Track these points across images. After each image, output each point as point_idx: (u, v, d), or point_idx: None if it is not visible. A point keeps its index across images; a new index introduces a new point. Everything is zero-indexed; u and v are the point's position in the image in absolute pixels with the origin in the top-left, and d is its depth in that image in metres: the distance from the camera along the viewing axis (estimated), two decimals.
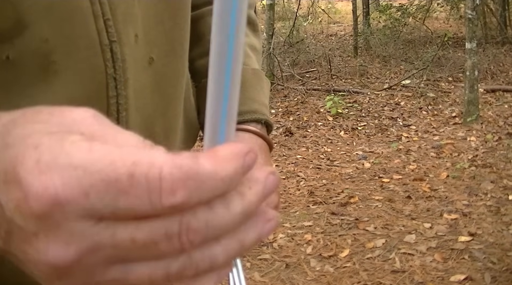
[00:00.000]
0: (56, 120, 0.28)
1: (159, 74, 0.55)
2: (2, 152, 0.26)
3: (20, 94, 0.45)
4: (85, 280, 0.26)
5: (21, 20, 0.43)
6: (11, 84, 0.44)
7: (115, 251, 0.25)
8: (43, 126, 0.27)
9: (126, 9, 0.50)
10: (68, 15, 0.45)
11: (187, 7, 0.60)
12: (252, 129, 0.64)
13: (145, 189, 0.24)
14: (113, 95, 0.49)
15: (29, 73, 0.45)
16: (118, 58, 0.49)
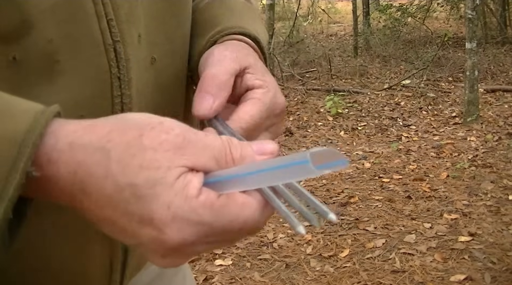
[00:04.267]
0: (160, 156, 0.36)
1: (160, 74, 0.55)
2: (134, 199, 0.35)
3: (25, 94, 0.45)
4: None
5: (27, 20, 0.43)
6: (17, 84, 0.44)
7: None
8: (157, 172, 0.35)
9: (129, 9, 0.50)
10: (72, 15, 0.46)
11: (188, 6, 0.60)
12: (239, 37, 0.58)
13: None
14: (117, 94, 0.50)
15: (35, 74, 0.45)
16: (122, 57, 0.49)
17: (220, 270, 2.56)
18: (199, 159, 0.37)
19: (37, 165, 0.36)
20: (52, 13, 0.44)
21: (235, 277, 2.49)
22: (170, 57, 0.57)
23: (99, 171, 0.35)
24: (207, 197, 0.36)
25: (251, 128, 0.49)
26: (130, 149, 0.35)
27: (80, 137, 0.36)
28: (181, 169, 0.36)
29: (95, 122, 0.38)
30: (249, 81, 0.51)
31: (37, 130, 0.35)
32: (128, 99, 0.50)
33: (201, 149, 0.37)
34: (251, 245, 2.78)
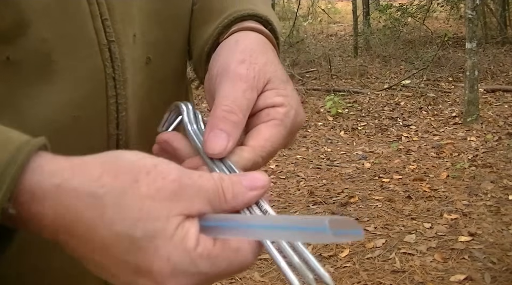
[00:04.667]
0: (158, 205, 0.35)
1: (156, 73, 0.55)
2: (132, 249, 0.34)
3: (20, 94, 0.45)
4: None
5: (21, 20, 0.43)
6: (11, 84, 0.44)
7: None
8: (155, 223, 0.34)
9: (124, 9, 0.50)
10: (66, 15, 0.45)
11: (187, 6, 0.60)
12: (250, 25, 0.53)
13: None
14: (112, 95, 0.49)
15: (29, 73, 0.45)
16: (116, 58, 0.49)
17: None
18: (194, 205, 0.36)
19: (18, 202, 0.34)
20: (46, 13, 0.44)
21: (235, 277, 2.49)
22: (166, 57, 0.57)
23: (92, 216, 0.34)
24: (204, 248, 0.35)
25: (269, 155, 0.46)
26: (126, 197, 0.34)
27: (69, 179, 0.35)
28: (179, 218, 0.35)
29: (85, 161, 0.36)
30: (269, 99, 0.47)
31: (17, 163, 0.33)
32: (124, 100, 0.50)
33: (196, 194, 0.36)
34: None
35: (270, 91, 0.47)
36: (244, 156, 0.44)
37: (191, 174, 0.37)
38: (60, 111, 0.47)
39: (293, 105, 0.48)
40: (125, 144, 0.52)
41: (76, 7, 0.46)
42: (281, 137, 0.46)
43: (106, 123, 0.50)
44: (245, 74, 0.46)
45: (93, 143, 0.50)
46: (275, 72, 0.49)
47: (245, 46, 0.50)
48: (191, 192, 0.36)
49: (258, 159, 0.45)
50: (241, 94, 0.45)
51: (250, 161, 0.44)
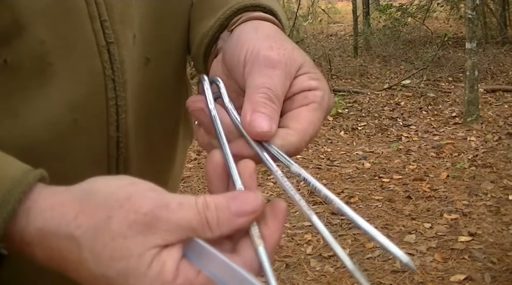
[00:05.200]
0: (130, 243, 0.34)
1: (154, 74, 0.55)
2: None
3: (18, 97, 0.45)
4: None
5: (18, 22, 0.43)
6: (9, 87, 0.44)
7: None
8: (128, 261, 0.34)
9: (123, 10, 0.49)
10: (64, 16, 0.45)
11: (185, 6, 0.59)
12: (257, 14, 0.52)
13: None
14: (112, 97, 0.49)
15: (27, 76, 0.44)
16: (116, 59, 0.48)
17: None
18: (172, 234, 0.35)
19: (11, 242, 0.35)
20: (43, 14, 0.44)
21: None
22: (165, 57, 0.56)
23: (72, 258, 0.35)
24: (185, 278, 0.34)
25: (311, 140, 0.44)
26: (99, 235, 0.34)
27: (48, 221, 0.35)
28: (153, 251, 0.34)
29: (64, 199, 0.36)
30: (305, 82, 0.46)
31: (9, 205, 0.34)
32: (123, 102, 0.50)
33: (174, 225, 0.35)
34: None
35: (304, 75, 0.46)
36: (290, 140, 0.42)
37: (169, 203, 0.35)
38: (59, 114, 0.46)
39: (326, 88, 0.47)
40: (125, 146, 0.52)
41: (74, 8, 0.45)
42: (320, 120, 0.45)
43: (106, 126, 0.50)
44: (278, 60, 0.45)
45: (93, 146, 0.50)
46: (304, 57, 0.47)
47: (268, 34, 0.48)
48: (169, 223, 0.35)
49: (302, 144, 0.43)
50: (276, 81, 0.44)
51: (294, 145, 0.42)
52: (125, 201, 0.35)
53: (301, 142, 0.43)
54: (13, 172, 0.36)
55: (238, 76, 0.46)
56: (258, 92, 0.43)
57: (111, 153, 0.51)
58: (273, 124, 0.42)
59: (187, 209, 0.35)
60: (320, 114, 0.45)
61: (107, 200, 0.35)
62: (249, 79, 0.45)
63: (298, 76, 0.46)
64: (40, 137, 0.46)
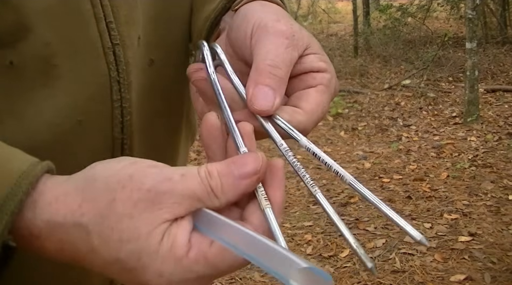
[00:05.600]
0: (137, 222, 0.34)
1: (158, 75, 0.55)
2: (124, 271, 0.34)
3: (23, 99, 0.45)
4: None
5: (24, 24, 0.43)
6: (14, 89, 0.44)
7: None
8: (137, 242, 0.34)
9: (128, 11, 0.49)
10: (69, 17, 0.45)
11: (188, 7, 0.60)
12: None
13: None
14: (117, 98, 0.49)
15: (32, 78, 0.44)
16: (121, 61, 0.48)
17: None
18: (179, 206, 0.34)
19: (19, 236, 0.35)
20: (49, 16, 0.44)
21: (235, 277, 2.49)
22: (168, 58, 0.56)
23: (83, 246, 0.34)
24: (198, 251, 0.34)
25: (318, 122, 0.44)
26: (106, 220, 0.34)
27: (54, 213, 0.35)
28: (162, 227, 0.34)
29: (68, 189, 0.36)
30: (314, 63, 0.45)
31: (17, 197, 0.34)
32: (128, 103, 0.50)
33: (180, 196, 0.35)
34: None
35: (313, 55, 0.45)
36: (297, 118, 0.42)
37: (172, 176, 0.35)
38: (64, 116, 0.46)
39: (333, 72, 0.46)
40: (129, 148, 0.52)
41: (80, 9, 0.45)
42: (328, 102, 0.44)
43: (111, 127, 0.50)
44: (285, 30, 0.44)
45: (98, 147, 0.50)
46: (311, 38, 0.46)
47: (275, 10, 0.47)
48: (173, 195, 0.34)
49: (310, 124, 0.43)
50: (283, 50, 0.42)
51: (301, 124, 0.42)
52: (127, 181, 0.35)
53: (309, 122, 0.42)
54: (20, 164, 0.36)
55: (245, 50, 0.45)
56: (265, 60, 0.42)
57: (115, 154, 0.51)
58: (276, 98, 0.41)
59: (190, 179, 0.35)
60: (327, 96, 0.44)
61: (108, 184, 0.35)
62: (256, 48, 0.43)
63: (307, 55, 0.45)
64: (44, 139, 0.46)
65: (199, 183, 0.35)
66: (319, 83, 0.44)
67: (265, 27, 0.44)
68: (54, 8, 0.44)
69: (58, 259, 0.36)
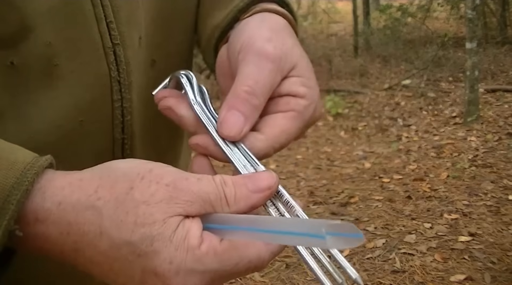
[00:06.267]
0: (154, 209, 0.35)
1: (160, 76, 0.55)
2: (133, 256, 0.34)
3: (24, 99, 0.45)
4: None
5: (25, 24, 0.43)
6: (15, 89, 0.44)
7: None
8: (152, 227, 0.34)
9: (129, 12, 0.49)
10: (70, 18, 0.45)
11: (191, 7, 0.60)
12: (267, 6, 0.50)
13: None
14: (117, 98, 0.49)
15: (33, 78, 0.44)
16: (122, 61, 0.49)
17: None
18: (193, 205, 0.35)
19: (23, 223, 0.35)
20: (50, 17, 0.44)
21: None
22: (171, 58, 0.56)
23: (92, 229, 0.35)
24: (209, 245, 0.35)
25: (283, 147, 0.44)
26: (121, 205, 0.34)
27: (68, 196, 0.35)
28: (177, 218, 0.35)
29: (82, 176, 0.37)
30: (293, 86, 0.44)
31: (23, 186, 0.34)
32: (129, 103, 0.50)
33: (195, 196, 0.36)
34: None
35: (295, 78, 0.45)
36: (257, 145, 0.42)
37: (188, 177, 0.37)
38: (65, 116, 0.46)
39: (315, 98, 0.45)
40: (130, 149, 0.52)
41: (81, 10, 0.46)
42: (297, 130, 0.44)
43: (111, 128, 0.50)
44: (272, 53, 0.43)
45: (99, 148, 0.50)
46: (302, 58, 0.46)
47: (272, 26, 0.47)
48: (189, 194, 0.36)
49: (270, 150, 0.43)
50: (265, 75, 0.43)
51: (262, 151, 0.43)
52: (147, 173, 0.36)
53: (269, 149, 0.43)
54: (24, 157, 0.36)
55: (234, 65, 0.46)
56: (243, 85, 0.42)
57: (116, 155, 0.51)
58: (245, 126, 0.42)
59: (205, 183, 0.37)
60: (298, 123, 0.44)
61: (127, 174, 0.36)
62: (240, 67, 0.44)
63: (290, 77, 0.45)
64: (45, 139, 0.46)
65: (214, 188, 0.37)
66: (291, 109, 0.44)
67: (252, 46, 0.44)
68: (55, 9, 0.44)
69: (57, 246, 0.36)
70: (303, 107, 0.44)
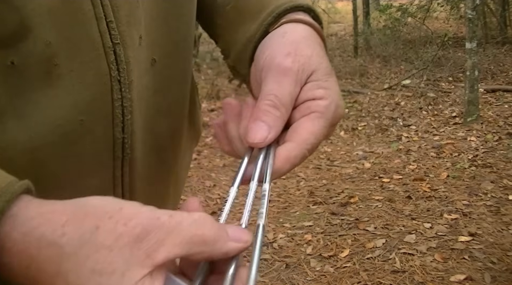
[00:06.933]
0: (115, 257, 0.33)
1: (161, 75, 0.55)
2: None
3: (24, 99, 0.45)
4: None
5: (25, 24, 0.43)
6: (15, 89, 0.44)
7: None
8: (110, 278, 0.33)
9: (129, 11, 0.49)
10: (70, 17, 0.45)
11: (193, 6, 0.59)
12: (294, 17, 0.53)
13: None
14: (117, 98, 0.49)
15: (33, 78, 0.44)
16: (122, 60, 0.49)
17: None
18: (162, 247, 0.33)
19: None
20: (50, 16, 0.44)
21: None
22: (171, 58, 0.56)
23: (50, 268, 0.33)
24: None
25: (314, 147, 0.46)
26: (85, 247, 0.33)
27: (35, 228, 0.34)
28: (139, 272, 0.33)
29: (55, 208, 0.35)
30: (310, 91, 0.48)
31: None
32: (129, 103, 0.50)
33: (167, 234, 0.34)
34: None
35: (312, 83, 0.48)
36: (290, 153, 0.45)
37: (164, 214, 0.35)
38: (65, 116, 0.46)
39: (334, 97, 0.48)
40: (130, 148, 0.52)
41: (80, 10, 0.46)
42: (323, 129, 0.47)
43: (111, 127, 0.50)
44: (290, 68, 0.47)
45: (99, 147, 0.50)
46: (320, 64, 0.49)
47: (293, 39, 0.50)
48: (160, 233, 0.33)
49: (305, 153, 0.46)
50: (285, 89, 0.46)
51: (297, 157, 0.45)
52: (115, 212, 0.34)
53: (303, 152, 0.45)
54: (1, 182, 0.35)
55: (258, 80, 0.50)
56: (265, 99, 0.46)
57: (116, 154, 0.51)
58: (270, 133, 0.45)
59: (183, 219, 0.35)
60: (322, 122, 0.46)
61: (97, 210, 0.34)
62: (262, 85, 0.48)
63: (307, 83, 0.48)
64: (46, 139, 0.46)
65: (191, 222, 0.35)
66: (312, 111, 0.47)
67: (272, 63, 0.48)
68: (55, 8, 0.44)
69: (20, 278, 0.35)
70: (323, 107, 0.47)
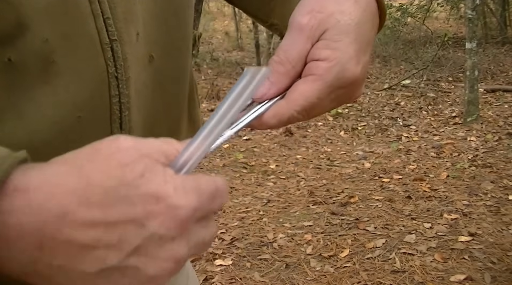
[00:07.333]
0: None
1: (159, 72, 0.55)
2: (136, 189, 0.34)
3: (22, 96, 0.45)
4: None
5: (22, 21, 0.43)
6: (13, 86, 0.44)
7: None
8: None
9: (126, 7, 0.49)
10: (67, 14, 0.45)
11: (189, 3, 0.59)
12: None
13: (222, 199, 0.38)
14: (115, 94, 0.49)
15: (31, 75, 0.44)
16: (119, 57, 0.48)
17: (220, 270, 2.56)
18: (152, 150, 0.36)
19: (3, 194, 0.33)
20: (47, 13, 0.44)
21: (235, 277, 2.49)
22: (169, 55, 0.56)
23: (71, 181, 0.33)
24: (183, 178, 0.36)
25: (306, 110, 0.47)
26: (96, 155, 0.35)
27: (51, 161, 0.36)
28: (150, 159, 0.35)
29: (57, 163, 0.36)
30: (318, 50, 0.47)
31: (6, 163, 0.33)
32: (126, 99, 0.50)
33: (148, 147, 0.36)
34: (251, 245, 2.78)
35: (322, 41, 0.47)
36: (279, 110, 0.46)
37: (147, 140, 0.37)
38: (63, 112, 0.46)
39: (341, 60, 0.46)
40: None
41: (77, 6, 0.45)
42: (318, 92, 0.46)
43: (109, 123, 0.50)
44: (305, 24, 0.47)
45: None
46: (339, 22, 0.47)
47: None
48: (148, 144, 0.36)
49: (293, 113, 0.46)
50: (295, 45, 0.47)
51: (284, 115, 0.46)
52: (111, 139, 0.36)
53: (290, 112, 0.46)
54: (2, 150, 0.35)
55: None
56: (275, 55, 0.47)
57: None
58: (271, 89, 0.47)
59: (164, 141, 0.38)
60: (317, 86, 0.46)
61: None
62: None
63: (318, 41, 0.47)
64: (43, 135, 0.46)
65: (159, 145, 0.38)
66: (310, 73, 0.47)
67: (294, 19, 0.49)
68: (52, 5, 0.44)
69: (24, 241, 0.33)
70: (323, 70, 0.46)
